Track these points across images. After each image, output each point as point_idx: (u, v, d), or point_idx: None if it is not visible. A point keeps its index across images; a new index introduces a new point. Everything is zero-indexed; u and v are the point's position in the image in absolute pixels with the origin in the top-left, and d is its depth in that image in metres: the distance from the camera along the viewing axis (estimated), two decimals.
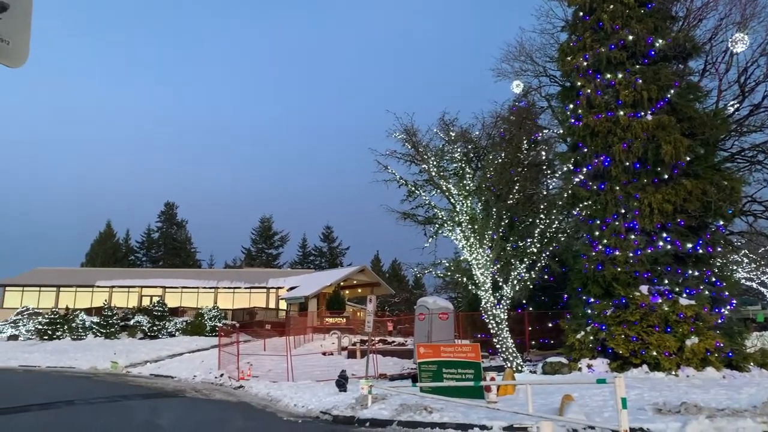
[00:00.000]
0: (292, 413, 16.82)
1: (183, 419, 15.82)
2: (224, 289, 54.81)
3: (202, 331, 44.72)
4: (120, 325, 46.08)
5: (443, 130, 22.41)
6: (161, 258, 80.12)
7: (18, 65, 1.77)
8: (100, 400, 18.64)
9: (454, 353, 16.68)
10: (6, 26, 1.61)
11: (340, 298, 47.24)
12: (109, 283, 54.61)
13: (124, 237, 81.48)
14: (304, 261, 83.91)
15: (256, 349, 32.91)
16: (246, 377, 24.57)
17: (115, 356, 35.41)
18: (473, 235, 21.03)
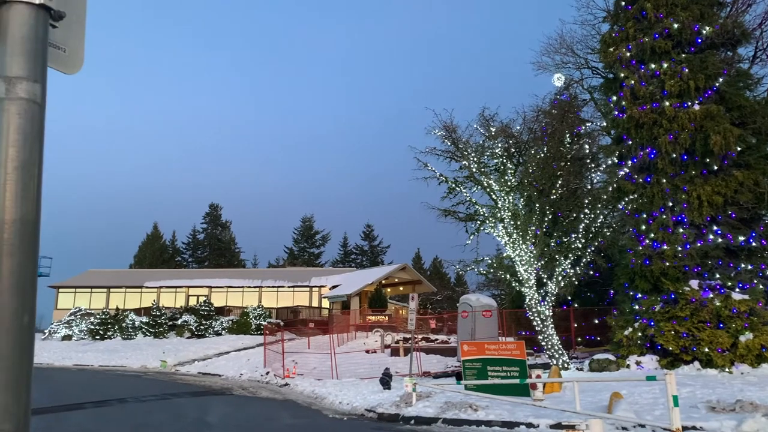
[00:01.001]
0: (338, 411, 16.94)
1: (231, 417, 16.08)
2: (268, 288, 55.50)
3: (248, 329, 45.40)
4: (168, 325, 47.17)
5: (483, 126, 22.19)
6: (207, 258, 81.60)
7: (73, 72, 1.82)
8: (150, 398, 19.11)
9: (498, 351, 16.54)
10: (62, 34, 1.65)
11: (382, 296, 47.33)
12: (157, 284, 55.88)
13: (171, 239, 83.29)
14: (346, 260, 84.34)
15: (301, 347, 33.25)
16: (291, 375, 24.86)
17: (164, 355, 36.26)
18: (516, 231, 20.78)
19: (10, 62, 1.52)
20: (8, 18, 1.54)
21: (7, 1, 1.54)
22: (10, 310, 1.44)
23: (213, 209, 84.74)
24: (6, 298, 1.44)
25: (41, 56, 1.57)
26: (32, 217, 1.50)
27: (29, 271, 1.48)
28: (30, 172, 1.51)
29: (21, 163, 1.49)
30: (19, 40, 1.53)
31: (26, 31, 1.54)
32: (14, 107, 1.50)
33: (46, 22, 1.60)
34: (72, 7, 1.74)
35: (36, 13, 1.57)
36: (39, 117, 1.55)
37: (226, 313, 50.23)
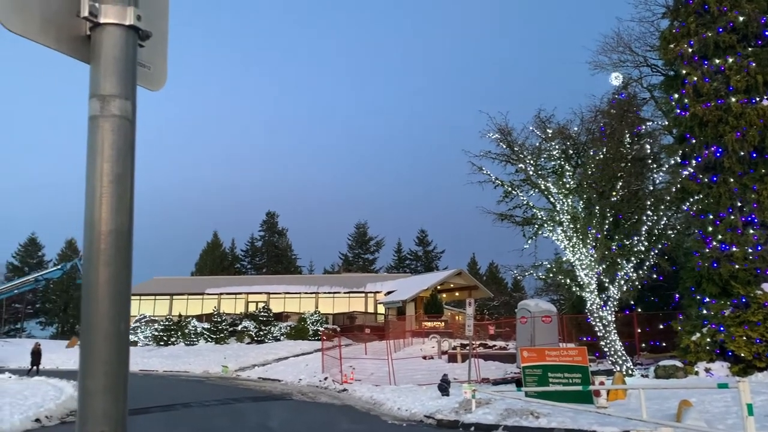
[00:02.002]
0: (396, 417, 16.95)
1: (292, 422, 16.31)
2: (324, 294, 56.05)
3: (305, 335, 45.95)
4: (229, 331, 48.23)
5: (539, 128, 21.85)
6: (264, 265, 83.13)
7: (158, 88, 1.90)
8: (213, 403, 19.57)
9: (559, 357, 16.24)
10: (147, 52, 1.73)
11: (438, 302, 47.11)
12: (217, 291, 57.21)
13: (230, 246, 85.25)
14: (400, 265, 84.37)
15: (358, 352, 33.44)
16: (349, 380, 25.01)
17: (225, 360, 37.10)
18: (575, 234, 20.35)
19: (104, 81, 1.60)
20: (101, 40, 1.62)
21: (100, 24, 1.62)
22: (107, 317, 1.51)
23: (270, 217, 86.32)
24: (104, 305, 1.51)
25: (131, 75, 1.65)
26: (126, 228, 1.58)
27: (124, 280, 1.56)
28: (123, 185, 1.58)
29: (115, 177, 1.56)
30: (112, 60, 1.61)
31: (118, 51, 1.62)
32: (108, 124, 1.58)
33: (135, 42, 1.68)
34: (156, 27, 1.82)
35: (126, 34, 1.65)
36: (131, 132, 1.63)
37: (284, 319, 51.00)
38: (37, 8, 1.59)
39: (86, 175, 1.57)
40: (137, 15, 1.65)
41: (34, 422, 14.56)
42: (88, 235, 1.54)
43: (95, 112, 1.59)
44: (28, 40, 1.59)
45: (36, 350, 32.42)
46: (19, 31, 1.55)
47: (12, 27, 1.54)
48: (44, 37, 1.60)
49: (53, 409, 16.35)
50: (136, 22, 1.65)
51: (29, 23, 1.57)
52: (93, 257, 1.53)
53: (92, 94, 1.60)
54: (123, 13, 1.63)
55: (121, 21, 1.63)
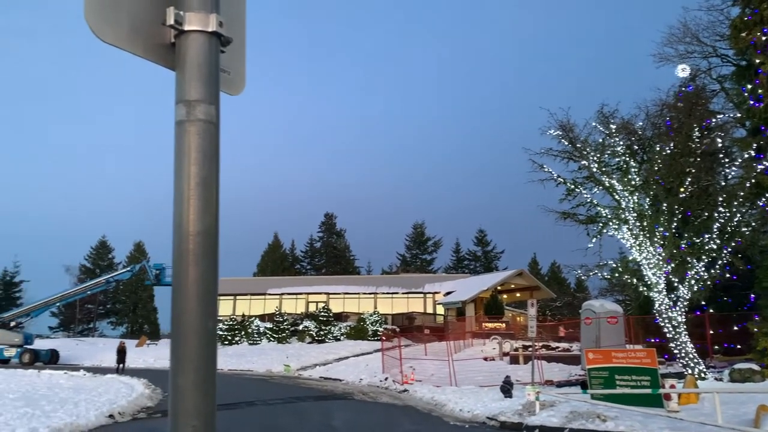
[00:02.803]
0: (458, 418, 16.85)
1: (354, 421, 16.44)
2: (383, 294, 56.29)
3: (365, 335, 46.26)
4: (290, 330, 49.10)
5: (602, 123, 21.27)
6: (323, 266, 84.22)
7: (237, 93, 1.95)
8: (277, 401, 19.93)
9: (626, 359, 15.78)
10: (227, 58, 1.78)
11: (498, 303, 46.57)
12: (278, 291, 58.26)
13: (290, 247, 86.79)
14: (458, 266, 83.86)
15: (417, 353, 33.42)
16: (409, 381, 25.02)
17: (287, 360, 37.76)
18: (642, 233, 19.72)
19: (189, 87, 1.65)
20: (186, 46, 1.68)
21: (185, 31, 1.68)
22: (196, 315, 1.56)
23: (328, 218, 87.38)
24: (193, 304, 1.56)
25: (215, 80, 1.70)
26: (213, 229, 1.62)
27: (212, 280, 1.60)
28: (209, 188, 1.63)
29: (202, 180, 1.61)
30: (197, 67, 1.67)
31: (202, 57, 1.68)
32: (194, 128, 1.63)
33: (218, 48, 1.73)
34: (235, 32, 1.86)
35: (209, 41, 1.70)
36: (215, 136, 1.67)
37: (343, 319, 51.53)
38: (125, 19, 1.66)
39: (174, 178, 1.63)
40: (219, 21, 1.70)
41: (108, 418, 15.16)
42: (177, 236, 1.60)
43: (182, 117, 1.64)
44: (118, 49, 1.66)
45: (121, 349, 33.73)
46: (111, 40, 1.62)
47: (104, 37, 1.61)
48: (133, 46, 1.67)
49: (125, 405, 17.02)
50: (218, 29, 1.70)
51: (119, 33, 1.64)
52: (182, 257, 1.58)
53: (178, 100, 1.66)
54: (206, 20, 1.68)
55: (204, 28, 1.68)
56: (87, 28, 1.57)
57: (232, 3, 1.91)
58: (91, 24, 1.57)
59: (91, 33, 1.58)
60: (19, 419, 13.67)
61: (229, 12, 1.83)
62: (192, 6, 1.69)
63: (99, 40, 1.59)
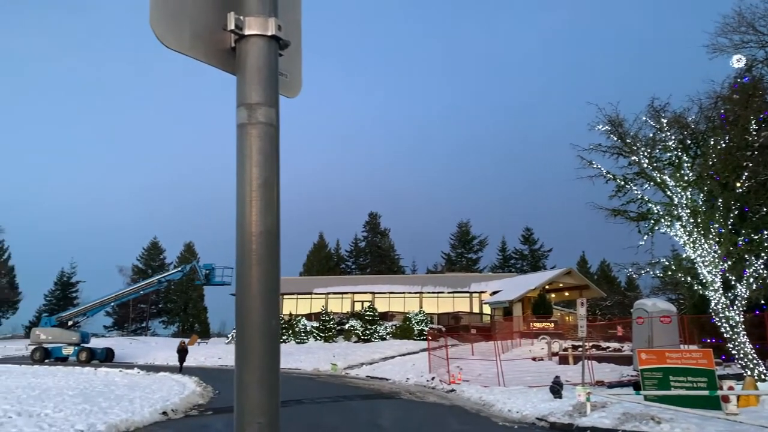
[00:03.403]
0: (507, 418, 16.69)
1: (401, 420, 16.47)
2: (428, 294, 56.17)
3: (411, 335, 46.26)
4: (336, 330, 49.47)
5: (653, 118, 20.70)
6: (368, 265, 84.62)
7: (294, 95, 1.97)
8: (325, 400, 20.11)
9: (681, 359, 15.36)
10: (284, 61, 1.80)
11: (546, 302, 45.89)
12: (324, 291, 58.79)
13: (335, 247, 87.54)
14: (505, 265, 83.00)
15: (464, 353, 33.22)
16: (456, 381, 24.90)
17: (334, 358, 38.03)
18: (696, 229, 19.12)
19: (249, 91, 1.69)
20: (246, 51, 1.71)
21: (245, 36, 1.71)
22: (260, 313, 1.59)
23: (372, 218, 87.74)
24: (257, 303, 1.59)
25: (274, 83, 1.72)
26: (274, 229, 1.65)
27: (274, 279, 1.63)
28: (270, 189, 1.66)
29: (263, 181, 1.64)
30: (257, 70, 1.70)
31: (262, 61, 1.71)
32: (255, 131, 1.67)
33: (277, 52, 1.76)
34: (291, 35, 1.89)
35: (269, 45, 1.73)
36: (275, 138, 1.70)
37: (389, 319, 51.63)
38: (188, 25, 1.70)
39: (236, 180, 1.66)
40: (278, 25, 1.73)
41: (161, 415, 15.53)
42: (240, 236, 1.63)
43: (243, 120, 1.67)
44: (181, 55, 1.70)
45: (182, 348, 33.85)
46: (174, 46, 1.66)
47: (168, 43, 1.65)
48: (195, 51, 1.71)
49: (178, 403, 17.43)
50: (277, 32, 1.73)
51: (182, 39, 1.68)
52: (245, 257, 1.61)
53: (239, 103, 1.69)
54: (265, 25, 1.71)
55: (263, 32, 1.71)
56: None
57: (288, 6, 1.94)
58: (156, 31, 1.62)
59: (156, 39, 1.63)
60: (77, 415, 14.15)
61: (286, 15, 1.85)
62: (252, 11, 1.72)
63: (163, 46, 1.64)
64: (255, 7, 1.73)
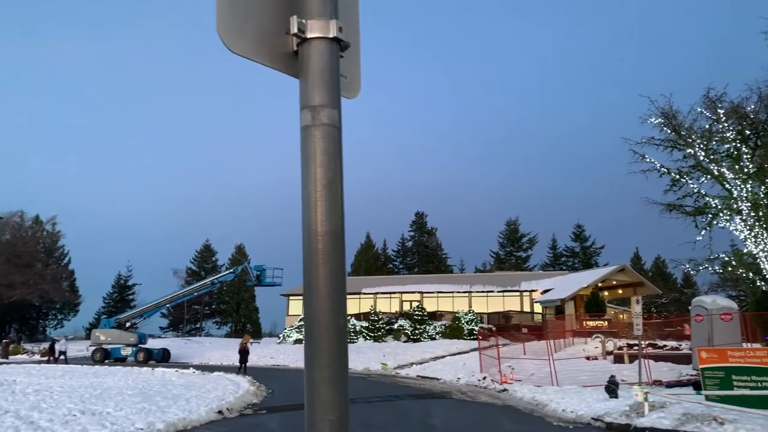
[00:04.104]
0: (561, 418, 16.43)
1: (454, 420, 16.40)
2: (477, 293, 55.76)
3: (460, 334, 46.01)
4: (385, 329, 49.59)
5: (709, 108, 20.04)
6: (416, 265, 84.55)
7: (353, 96, 1.99)
8: (376, 399, 20.19)
9: (744, 358, 14.82)
10: (344, 62, 1.82)
11: (599, 300, 44.91)
12: (372, 290, 59.01)
13: (382, 247, 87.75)
14: (555, 262, 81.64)
15: (515, 352, 32.83)
16: (508, 380, 24.65)
17: (384, 358, 38.12)
18: (758, 223, 18.43)
19: (312, 93, 1.71)
20: (309, 54, 1.74)
21: (308, 39, 1.74)
22: (328, 312, 1.61)
23: (419, 217, 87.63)
24: (325, 301, 1.62)
25: (336, 84, 1.75)
26: (339, 229, 1.67)
27: (341, 278, 1.65)
28: (335, 189, 1.68)
29: (328, 182, 1.67)
30: (319, 73, 1.72)
31: (324, 63, 1.73)
32: (319, 132, 1.69)
33: (338, 53, 1.78)
34: (351, 37, 1.91)
35: (330, 46, 1.75)
36: (338, 139, 1.72)
37: (438, 318, 51.49)
38: (252, 30, 1.74)
39: (301, 181, 1.69)
40: (339, 27, 1.75)
41: (217, 414, 15.86)
42: (306, 236, 1.66)
43: (307, 122, 1.70)
44: (245, 59, 1.74)
45: (243, 348, 33.57)
46: (240, 51, 1.70)
47: (234, 49, 1.69)
48: (259, 56, 1.75)
49: (233, 402, 17.77)
50: (338, 34, 1.75)
51: (247, 44, 1.72)
52: (311, 257, 1.64)
53: (303, 106, 1.72)
54: (327, 27, 1.74)
55: (325, 34, 1.74)
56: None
57: (347, 8, 1.96)
58: (222, 36, 1.66)
59: (222, 44, 1.67)
60: (137, 414, 14.59)
61: (344, 16, 1.87)
62: (313, 14, 1.75)
63: (229, 51, 1.68)
64: (316, 10, 1.75)
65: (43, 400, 16.92)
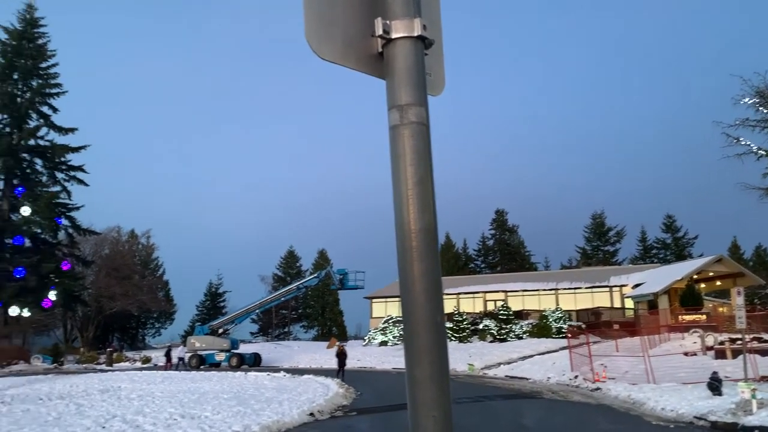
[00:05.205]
0: (660, 417, 15.77)
1: (546, 420, 16.06)
2: (564, 290, 54.33)
3: (548, 332, 45.01)
4: (470, 330, 49.16)
5: None
6: (498, 263, 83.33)
7: (438, 93, 2.00)
8: (464, 400, 20.03)
9: None
10: (428, 60, 1.82)
11: (696, 293, 42.68)
12: (455, 291, 58.58)
13: (462, 246, 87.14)
14: (646, 255, 78.31)
15: (607, 350, 31.73)
16: (601, 379, 23.88)
17: (470, 359, 37.82)
18: None
19: (399, 92, 1.72)
20: (395, 53, 1.75)
21: (393, 39, 1.75)
22: (425, 309, 1.62)
23: (499, 215, 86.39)
24: (421, 299, 1.62)
25: (422, 82, 1.75)
26: (432, 226, 1.67)
27: (436, 275, 1.65)
28: (426, 186, 1.68)
29: (419, 179, 1.67)
30: (406, 72, 1.73)
31: (410, 62, 1.74)
32: (408, 131, 1.70)
33: (422, 51, 1.78)
34: (434, 34, 1.91)
35: (415, 45, 1.76)
36: (427, 137, 1.73)
37: (524, 317, 50.57)
38: (339, 35, 1.77)
39: (392, 179, 1.70)
40: (423, 25, 1.75)
41: (309, 416, 16.21)
42: (399, 235, 1.67)
43: (395, 121, 1.71)
44: (332, 64, 1.78)
45: (341, 352, 34.10)
46: (328, 57, 1.74)
47: (323, 55, 1.73)
48: (346, 60, 1.78)
49: (323, 404, 18.12)
50: (422, 32, 1.76)
51: (334, 49, 1.76)
52: (406, 255, 1.65)
53: (391, 106, 1.73)
54: (411, 26, 1.75)
55: (410, 33, 1.74)
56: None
57: (429, 5, 1.97)
58: (311, 43, 1.70)
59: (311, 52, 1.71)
60: (233, 417, 15.15)
61: (427, 14, 1.87)
62: (397, 14, 1.76)
63: (317, 57, 1.72)
64: (400, 10, 1.76)
65: (146, 405, 17.88)
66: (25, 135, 51.81)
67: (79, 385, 25.65)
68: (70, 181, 53.92)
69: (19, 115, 51.66)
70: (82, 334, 64.92)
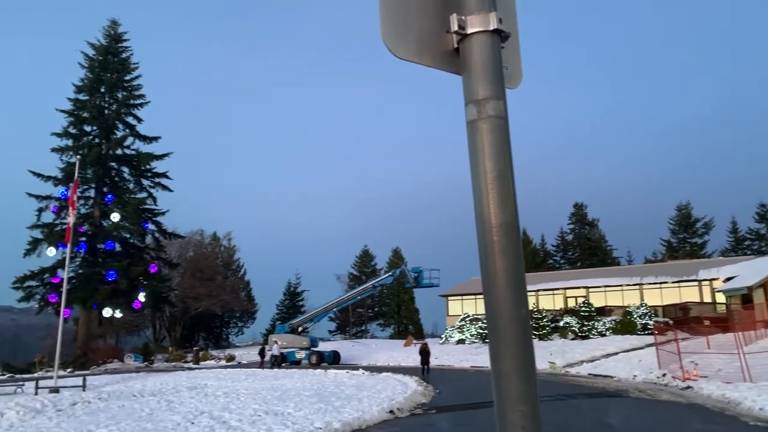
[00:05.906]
0: (759, 417, 14.90)
1: (634, 419, 15.51)
2: (649, 285, 52.21)
3: (633, 329, 43.42)
4: (550, 327, 48.07)
5: None
6: (578, 259, 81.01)
7: (515, 86, 1.98)
8: (546, 399, 19.62)
9: None
10: (505, 53, 1.81)
11: None
12: (534, 287, 57.36)
13: (540, 242, 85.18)
14: (737, 247, 74.10)
15: (697, 347, 30.27)
16: (692, 377, 22.82)
17: (551, 357, 36.97)
18: None
19: (477, 87, 1.72)
20: (471, 48, 1.76)
21: (468, 34, 1.75)
22: (509, 303, 1.61)
23: (578, 209, 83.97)
24: (505, 293, 1.61)
25: (499, 76, 1.74)
26: (513, 220, 1.66)
27: (519, 269, 1.64)
28: (505, 181, 1.67)
29: (498, 173, 1.67)
30: (482, 66, 1.73)
31: (486, 56, 1.74)
32: (486, 125, 1.70)
33: (499, 45, 1.78)
34: (510, 26, 1.89)
35: (491, 39, 1.75)
36: (506, 130, 1.72)
37: (606, 313, 48.97)
38: (414, 34, 1.79)
39: (471, 174, 1.71)
40: (498, 18, 1.75)
41: (388, 413, 16.28)
42: (480, 229, 1.67)
43: (473, 116, 1.71)
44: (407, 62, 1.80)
45: (424, 350, 33.71)
46: (404, 56, 1.76)
47: (399, 54, 1.75)
48: (422, 58, 1.79)
49: (402, 402, 18.17)
50: (498, 26, 1.75)
51: (410, 48, 1.78)
52: (487, 249, 1.65)
53: (468, 101, 1.73)
54: (487, 20, 1.74)
55: (486, 27, 1.74)
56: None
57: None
58: (387, 43, 1.73)
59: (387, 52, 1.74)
60: (315, 414, 15.45)
61: (502, 7, 1.86)
62: (472, 9, 1.76)
63: (394, 57, 1.74)
64: (475, 5, 1.76)
65: (231, 402, 18.54)
66: (113, 145, 54.59)
67: (168, 383, 26.91)
68: (155, 187, 56.46)
69: (106, 126, 54.52)
70: (170, 334, 68.05)
